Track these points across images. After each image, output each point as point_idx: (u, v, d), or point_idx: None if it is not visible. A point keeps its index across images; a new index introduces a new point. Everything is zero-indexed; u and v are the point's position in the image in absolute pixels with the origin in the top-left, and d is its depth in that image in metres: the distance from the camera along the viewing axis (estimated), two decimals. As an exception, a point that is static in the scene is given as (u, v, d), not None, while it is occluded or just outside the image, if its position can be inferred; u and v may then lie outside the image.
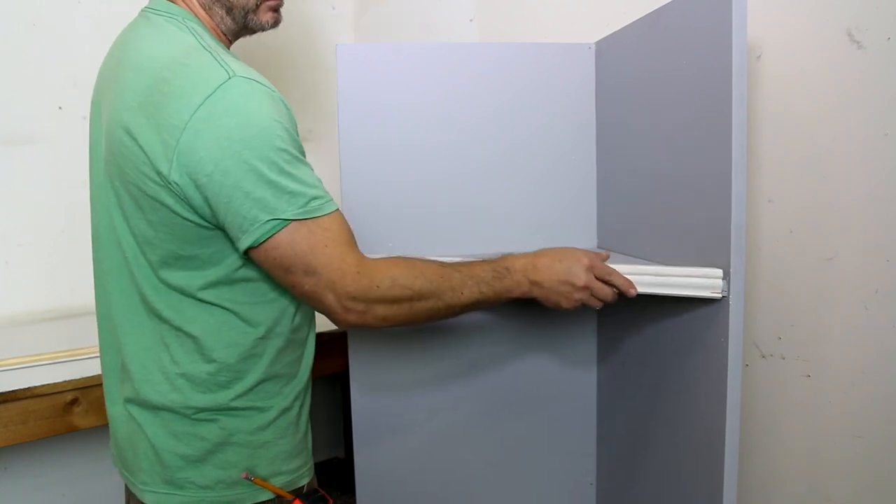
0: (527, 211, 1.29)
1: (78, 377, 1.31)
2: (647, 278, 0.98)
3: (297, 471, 0.98)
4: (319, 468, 2.26)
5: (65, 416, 1.30)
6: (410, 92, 1.23)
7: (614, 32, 1.19)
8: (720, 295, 0.92)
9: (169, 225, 0.86)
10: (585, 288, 0.97)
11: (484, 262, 0.97)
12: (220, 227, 0.85)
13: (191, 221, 0.85)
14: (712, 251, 0.94)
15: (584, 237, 1.31)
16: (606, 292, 0.98)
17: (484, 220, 1.27)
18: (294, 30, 2.15)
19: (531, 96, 1.26)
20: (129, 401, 0.93)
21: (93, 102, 0.95)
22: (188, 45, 0.86)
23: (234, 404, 0.91)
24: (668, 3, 1.02)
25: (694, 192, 0.98)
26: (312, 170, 0.88)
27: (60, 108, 1.73)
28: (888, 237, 1.03)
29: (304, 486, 0.99)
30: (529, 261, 0.97)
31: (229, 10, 0.94)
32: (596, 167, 1.29)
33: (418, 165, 1.25)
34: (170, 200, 0.83)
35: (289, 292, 0.91)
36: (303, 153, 0.88)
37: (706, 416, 0.96)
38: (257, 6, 0.95)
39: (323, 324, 1.74)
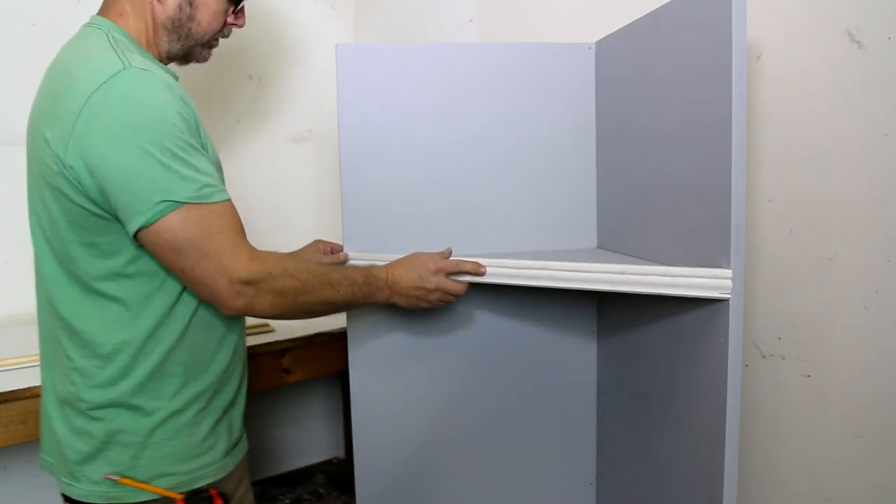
0: (527, 211, 1.28)
1: (78, 377, 1.31)
2: (653, 278, 0.98)
3: (193, 472, 0.99)
4: (319, 468, 2.27)
5: (65, 416, 1.30)
6: (410, 92, 1.23)
7: (614, 32, 1.19)
8: (729, 296, 0.92)
9: (67, 213, 0.89)
10: (437, 289, 1.10)
11: (357, 268, 1.09)
12: (112, 215, 0.88)
13: (84, 208, 0.88)
14: (712, 251, 0.94)
15: (584, 237, 1.31)
16: (457, 288, 1.12)
17: (484, 220, 1.27)
18: (294, 30, 2.16)
19: (531, 96, 1.26)
20: (45, 391, 1.00)
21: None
22: (97, 45, 0.91)
23: (120, 401, 0.94)
24: (668, 3, 1.02)
25: (694, 192, 0.98)
26: (209, 160, 0.93)
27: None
28: (888, 237, 1.03)
29: (202, 487, 0.99)
30: (389, 272, 1.10)
31: (179, 39, 1.03)
32: (596, 167, 1.29)
33: (418, 165, 1.25)
34: (65, 186, 0.87)
35: (179, 281, 0.94)
36: (201, 145, 0.92)
37: (706, 416, 0.96)
38: (205, 44, 1.07)
39: (323, 324, 1.74)
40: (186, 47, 1.05)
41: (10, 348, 1.44)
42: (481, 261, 1.13)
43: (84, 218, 0.89)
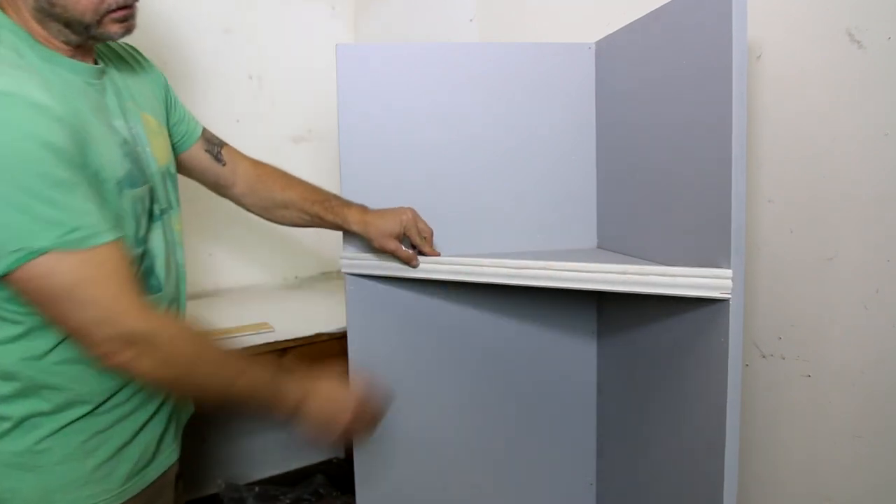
0: (527, 211, 1.28)
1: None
2: (653, 278, 0.98)
3: (82, 501, 0.90)
4: (319, 468, 2.27)
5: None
6: (410, 92, 1.23)
7: (614, 32, 1.19)
8: (729, 296, 0.92)
9: None
10: (346, 431, 0.96)
11: (266, 367, 0.92)
12: None
13: None
14: (712, 251, 0.94)
15: (585, 237, 1.31)
16: (368, 426, 1.01)
17: (484, 220, 1.27)
18: (294, 30, 2.16)
19: (531, 96, 1.26)
20: None
21: None
22: None
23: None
24: (668, 3, 1.02)
25: (694, 192, 0.98)
26: (92, 193, 0.81)
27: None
28: (888, 237, 1.03)
29: None
30: (306, 390, 0.94)
31: (67, 24, 0.87)
32: (596, 167, 1.29)
33: (418, 165, 1.25)
34: None
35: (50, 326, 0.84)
36: (80, 174, 0.79)
37: (706, 416, 0.96)
38: (99, 21, 0.88)
39: (323, 324, 1.74)
40: (79, 31, 0.88)
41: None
42: (483, 260, 1.13)
43: None
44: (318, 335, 1.69)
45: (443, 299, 1.30)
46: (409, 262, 1.16)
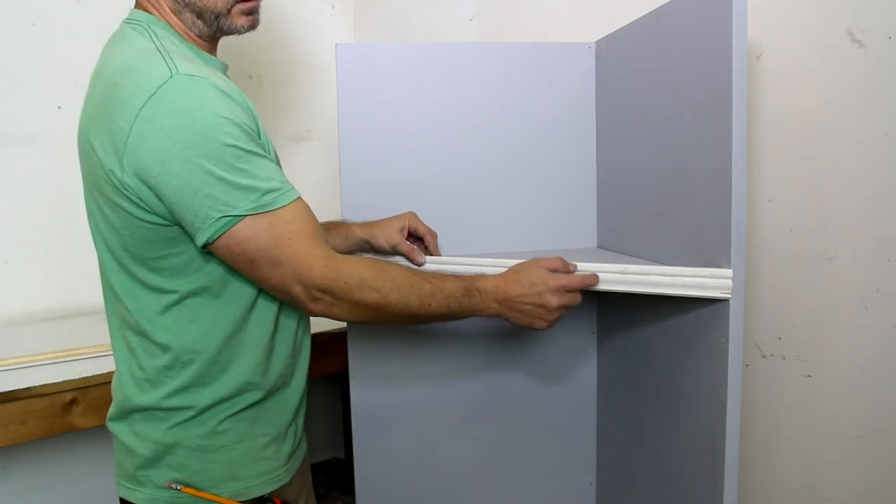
0: (527, 211, 1.28)
1: (77, 377, 1.31)
2: (653, 278, 0.98)
3: (259, 477, 0.97)
4: (319, 468, 2.27)
5: (64, 416, 1.30)
6: (410, 92, 1.23)
7: (614, 32, 1.19)
8: (729, 295, 0.91)
9: (131, 228, 0.87)
10: (558, 308, 0.98)
11: (456, 277, 0.98)
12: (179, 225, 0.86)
13: (150, 223, 0.86)
14: (712, 251, 0.94)
15: (585, 237, 1.31)
16: (577, 300, 1.00)
17: (484, 219, 1.27)
18: (294, 30, 2.16)
19: (531, 96, 1.26)
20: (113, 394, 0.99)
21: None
22: (142, 48, 0.87)
23: (185, 405, 0.93)
24: (668, 3, 1.02)
25: (694, 191, 0.98)
26: (271, 161, 0.88)
27: (60, 107, 1.73)
28: (888, 237, 1.03)
29: (266, 496, 0.97)
30: (500, 285, 0.98)
31: (199, 15, 0.93)
32: (596, 167, 1.29)
33: (418, 165, 1.24)
34: (126, 203, 0.85)
35: (249, 293, 0.92)
36: (261, 147, 0.87)
37: (706, 416, 0.96)
38: (229, 10, 0.94)
39: (323, 324, 1.74)
40: (210, 22, 0.94)
41: (10, 348, 1.44)
42: (484, 260, 1.13)
43: (151, 232, 0.86)
44: (318, 334, 1.69)
45: (443, 299, 1.30)
46: (413, 257, 1.15)
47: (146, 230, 0.86)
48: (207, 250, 0.86)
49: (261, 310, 0.95)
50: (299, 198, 0.88)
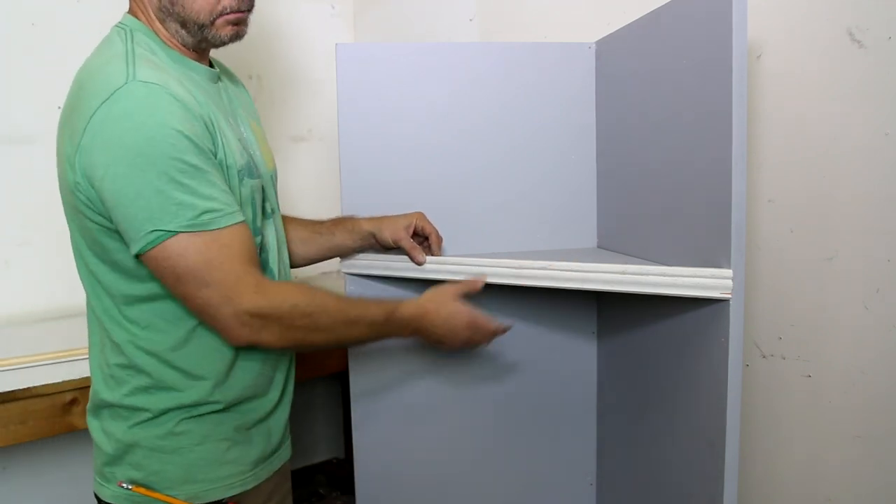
0: (527, 211, 1.28)
1: (77, 377, 1.31)
2: (653, 278, 0.98)
3: (219, 481, 0.97)
4: (319, 468, 2.27)
5: (64, 417, 1.30)
6: (410, 92, 1.23)
7: (614, 32, 1.19)
8: (729, 295, 0.91)
9: (83, 230, 0.88)
10: (466, 342, 1.06)
11: (379, 303, 1.00)
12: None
13: (99, 225, 0.86)
14: (712, 251, 0.94)
15: (585, 237, 1.31)
16: (485, 340, 1.09)
17: (484, 219, 1.27)
18: (294, 30, 2.15)
19: (531, 96, 1.26)
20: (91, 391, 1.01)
21: None
22: (114, 53, 0.88)
23: (145, 406, 0.94)
24: (668, 3, 1.02)
25: (694, 191, 0.98)
26: (220, 180, 0.87)
27: (60, 107, 1.73)
28: (888, 237, 1.03)
29: (222, 500, 0.97)
30: (417, 313, 1.02)
31: (183, 24, 0.94)
32: (596, 167, 1.29)
33: (418, 165, 1.24)
34: (80, 204, 0.86)
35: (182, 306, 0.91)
36: (213, 164, 0.86)
37: (706, 416, 0.96)
38: (212, 22, 0.94)
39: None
40: (194, 32, 0.94)
41: (10, 348, 1.44)
42: (483, 260, 1.13)
43: (101, 234, 0.87)
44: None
45: (443, 299, 1.30)
46: (413, 254, 1.15)
47: (97, 231, 0.87)
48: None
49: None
50: (242, 222, 0.88)
